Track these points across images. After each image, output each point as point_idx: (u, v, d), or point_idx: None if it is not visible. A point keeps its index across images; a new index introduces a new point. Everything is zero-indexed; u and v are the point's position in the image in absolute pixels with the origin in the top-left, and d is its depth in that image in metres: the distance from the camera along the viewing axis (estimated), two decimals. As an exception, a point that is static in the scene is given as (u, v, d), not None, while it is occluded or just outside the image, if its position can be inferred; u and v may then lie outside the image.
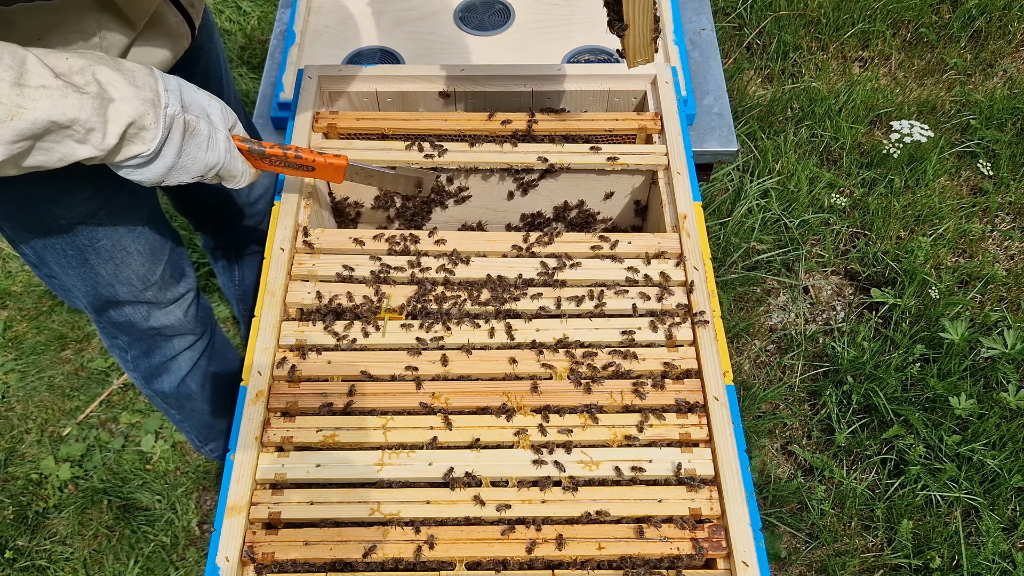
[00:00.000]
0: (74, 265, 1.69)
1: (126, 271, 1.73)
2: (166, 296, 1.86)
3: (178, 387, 2.07)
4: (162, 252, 1.78)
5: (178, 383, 2.06)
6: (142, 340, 1.93)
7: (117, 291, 1.76)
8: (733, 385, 1.42)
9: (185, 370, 2.04)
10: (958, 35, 3.57)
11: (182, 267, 1.89)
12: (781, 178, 3.07)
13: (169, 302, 1.88)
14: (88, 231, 1.63)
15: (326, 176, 1.48)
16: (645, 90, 1.81)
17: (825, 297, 2.92)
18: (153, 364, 2.00)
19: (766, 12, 3.59)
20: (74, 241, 1.64)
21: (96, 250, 1.66)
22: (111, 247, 1.68)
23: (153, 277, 1.79)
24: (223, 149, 1.29)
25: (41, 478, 2.59)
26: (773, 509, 2.46)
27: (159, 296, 1.84)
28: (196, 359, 2.04)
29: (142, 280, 1.77)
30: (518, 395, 1.41)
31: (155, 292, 1.82)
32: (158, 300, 1.85)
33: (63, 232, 1.62)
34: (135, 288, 1.78)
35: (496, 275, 1.54)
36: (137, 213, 1.69)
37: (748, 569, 1.24)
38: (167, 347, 1.97)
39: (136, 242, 1.71)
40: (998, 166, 3.15)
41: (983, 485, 2.43)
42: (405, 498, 1.31)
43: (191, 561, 2.44)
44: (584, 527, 1.29)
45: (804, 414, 2.66)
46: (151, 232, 1.74)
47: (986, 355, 2.63)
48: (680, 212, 1.61)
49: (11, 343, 2.90)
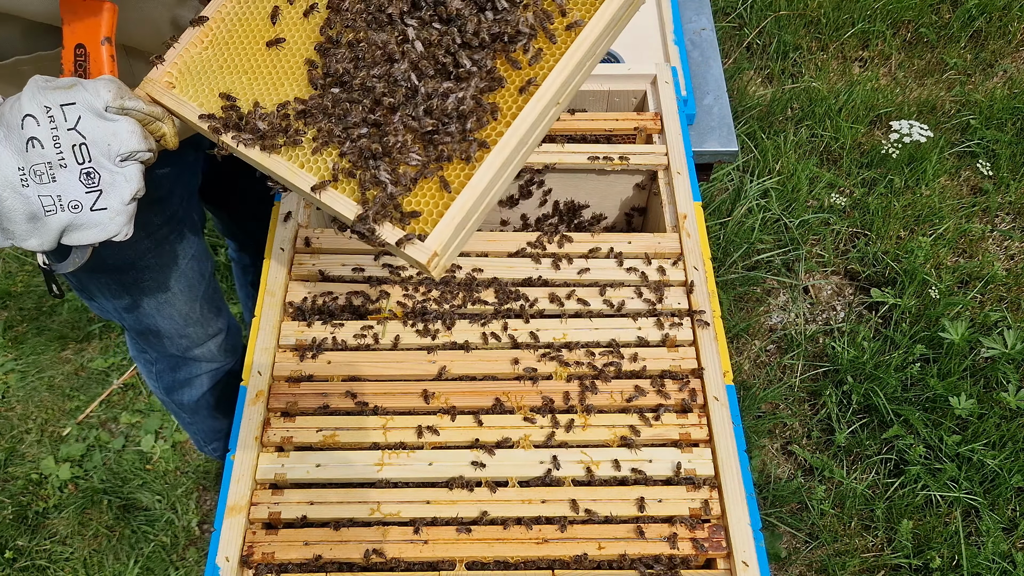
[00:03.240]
0: (116, 297, 1.68)
1: (167, 308, 1.72)
2: (206, 331, 1.85)
3: (197, 400, 2.07)
4: (199, 289, 1.77)
5: (198, 397, 2.06)
6: (171, 358, 1.93)
7: (159, 322, 1.76)
8: (733, 385, 1.42)
9: (207, 386, 2.04)
10: (958, 35, 3.57)
11: (217, 301, 1.88)
12: (781, 178, 3.07)
13: (208, 338, 1.87)
14: (135, 272, 1.61)
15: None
16: (645, 90, 1.81)
17: (825, 297, 2.91)
18: (177, 379, 2.00)
19: (766, 12, 3.59)
20: (119, 279, 1.62)
21: (140, 288, 1.65)
22: (155, 287, 1.66)
23: (194, 314, 1.78)
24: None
25: (41, 478, 2.59)
26: (773, 509, 2.46)
27: (199, 332, 1.83)
28: (219, 378, 2.04)
29: (184, 317, 1.77)
30: (518, 395, 1.41)
31: (195, 328, 1.81)
32: (198, 336, 1.84)
33: (109, 270, 1.60)
34: (176, 323, 1.77)
35: (496, 275, 1.54)
36: (183, 253, 1.68)
37: (748, 569, 1.24)
38: (194, 367, 1.97)
39: (178, 282, 1.70)
40: (998, 166, 3.15)
41: (983, 485, 2.43)
42: (405, 498, 1.31)
43: (191, 561, 2.44)
44: (584, 527, 1.29)
45: (804, 414, 2.66)
46: (191, 271, 1.72)
47: (986, 355, 2.63)
48: (680, 212, 1.61)
49: (11, 343, 2.90)
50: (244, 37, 1.16)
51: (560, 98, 1.05)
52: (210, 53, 1.15)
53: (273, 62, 1.14)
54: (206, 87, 1.13)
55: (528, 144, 1.04)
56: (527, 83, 1.04)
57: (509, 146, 1.01)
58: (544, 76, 1.04)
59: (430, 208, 1.01)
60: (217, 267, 3.00)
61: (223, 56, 1.15)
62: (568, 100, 1.08)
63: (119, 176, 1.01)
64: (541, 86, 1.03)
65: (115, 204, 1.01)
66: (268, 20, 1.15)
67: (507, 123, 1.03)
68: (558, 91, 1.03)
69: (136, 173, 1.02)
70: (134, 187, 1.02)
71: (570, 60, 1.04)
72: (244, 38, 1.16)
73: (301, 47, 1.14)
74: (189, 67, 1.14)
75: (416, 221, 1.00)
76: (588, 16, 1.06)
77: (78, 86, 1.00)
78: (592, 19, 1.05)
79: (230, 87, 1.13)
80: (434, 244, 0.98)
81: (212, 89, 1.13)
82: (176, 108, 1.11)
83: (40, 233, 1.00)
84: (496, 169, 1.00)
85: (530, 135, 1.03)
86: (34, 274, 3.06)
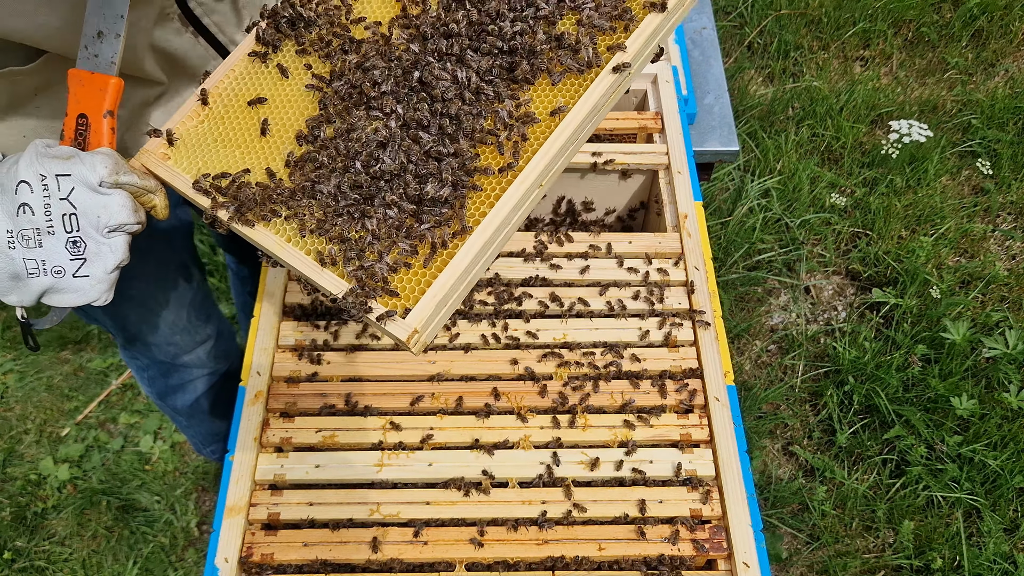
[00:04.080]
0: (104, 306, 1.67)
1: (154, 317, 1.73)
2: (194, 339, 1.85)
3: (191, 405, 2.07)
4: (185, 297, 1.77)
5: (192, 402, 2.05)
6: (162, 364, 1.93)
7: (145, 331, 1.76)
8: (734, 385, 1.42)
9: (201, 391, 2.03)
10: (959, 34, 3.57)
11: (207, 308, 1.87)
12: (782, 178, 3.07)
13: (196, 344, 1.87)
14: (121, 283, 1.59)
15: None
16: (646, 89, 1.80)
17: (826, 297, 2.91)
18: (170, 384, 2.00)
19: (767, 11, 3.59)
20: None
21: (126, 298, 1.65)
22: (140, 296, 1.67)
23: (181, 322, 1.78)
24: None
25: (40, 479, 2.58)
26: (774, 510, 2.45)
27: (186, 339, 1.83)
28: (213, 382, 2.03)
29: (170, 326, 1.77)
30: (518, 395, 1.40)
31: (182, 336, 1.82)
32: (186, 343, 1.84)
33: None
34: (163, 331, 1.77)
35: (496, 275, 1.53)
36: (170, 262, 1.68)
37: (749, 570, 1.23)
38: (185, 372, 1.96)
39: (164, 291, 1.70)
40: (999, 166, 3.14)
41: (984, 486, 2.42)
42: (404, 499, 1.30)
43: (190, 562, 2.43)
44: (584, 527, 1.28)
45: (805, 414, 2.65)
46: (178, 279, 1.72)
47: (987, 355, 2.62)
48: (681, 212, 1.61)
49: (10, 343, 2.89)
50: (238, 112, 1.18)
51: (543, 180, 1.07)
52: (206, 127, 1.17)
53: (266, 138, 1.15)
54: (200, 159, 1.15)
55: (511, 224, 1.06)
56: (508, 167, 1.06)
57: (490, 228, 1.03)
58: (527, 160, 1.05)
59: (411, 286, 1.03)
60: (216, 267, 2.99)
61: (218, 130, 1.17)
62: (551, 182, 1.10)
63: (105, 247, 1.03)
64: (524, 169, 1.05)
65: (98, 272, 1.04)
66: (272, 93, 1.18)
67: (490, 204, 1.04)
68: (541, 174, 1.05)
69: (122, 244, 1.04)
70: (119, 257, 1.04)
71: (553, 145, 1.05)
72: (238, 113, 1.18)
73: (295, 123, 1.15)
74: (184, 139, 1.16)
75: (398, 300, 1.02)
76: (572, 102, 1.07)
77: (76, 159, 1.02)
78: (576, 105, 1.07)
79: (224, 160, 1.15)
80: (415, 322, 0.99)
81: (206, 161, 1.15)
82: (170, 180, 1.13)
83: (20, 292, 1.03)
84: (476, 251, 1.02)
85: (512, 216, 1.05)
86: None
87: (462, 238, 1.03)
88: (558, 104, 1.08)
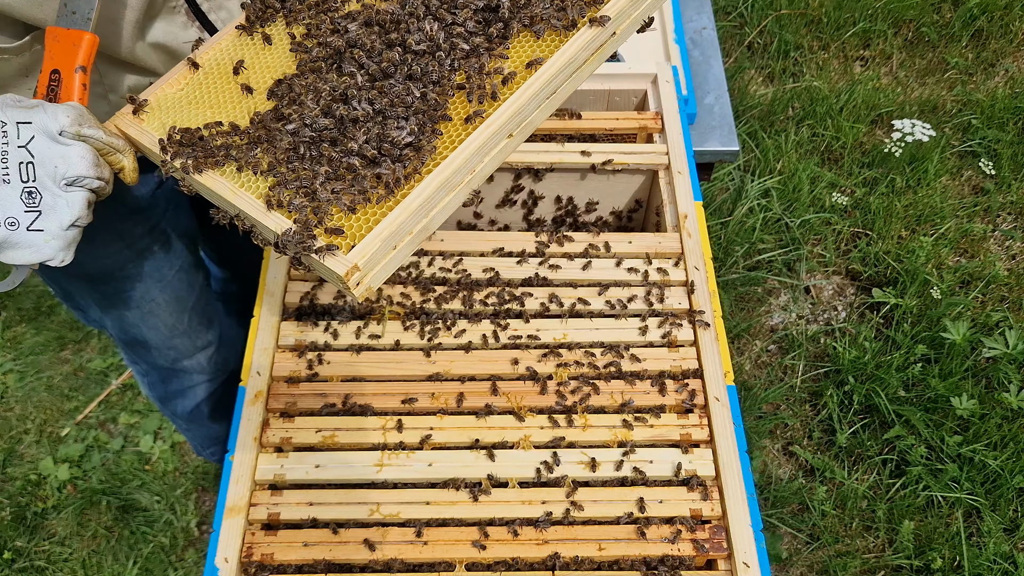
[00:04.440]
0: (100, 305, 1.66)
1: (152, 319, 1.71)
2: (195, 344, 1.83)
3: (192, 411, 2.05)
4: (187, 300, 1.75)
5: (192, 408, 2.04)
6: (162, 370, 1.91)
7: (145, 333, 1.74)
8: (734, 385, 1.42)
9: (201, 397, 2.01)
10: (959, 34, 3.57)
11: (209, 314, 1.85)
12: (782, 178, 3.07)
13: (196, 350, 1.85)
14: (116, 282, 1.60)
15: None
16: (646, 89, 1.80)
17: (826, 297, 2.91)
18: (170, 390, 1.98)
19: (767, 11, 3.59)
20: (100, 288, 1.61)
21: (123, 299, 1.63)
22: (138, 297, 1.65)
23: (181, 326, 1.76)
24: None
25: (40, 479, 2.58)
26: (774, 510, 2.45)
27: (186, 343, 1.81)
28: (214, 388, 2.02)
29: (170, 329, 1.75)
30: (518, 395, 1.40)
31: (182, 340, 1.79)
32: (186, 347, 1.82)
33: (90, 278, 1.58)
34: (162, 334, 1.75)
35: (496, 275, 1.53)
36: (168, 265, 1.66)
37: (749, 570, 1.23)
38: (186, 379, 1.95)
39: (163, 292, 1.68)
40: (1000, 166, 3.14)
41: (984, 486, 2.42)
42: (405, 499, 1.30)
43: (190, 562, 2.43)
44: (584, 527, 1.28)
45: (805, 415, 2.65)
46: (179, 282, 1.70)
47: (987, 355, 2.62)
48: (681, 212, 1.61)
49: (10, 343, 2.89)
50: (219, 78, 1.20)
51: (512, 130, 1.08)
52: (184, 92, 1.19)
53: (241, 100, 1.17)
54: (172, 120, 1.16)
55: (476, 172, 1.06)
56: (475, 114, 1.07)
57: (448, 170, 1.03)
58: (495, 109, 1.07)
59: (360, 225, 1.00)
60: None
61: (195, 94, 1.18)
62: (523, 135, 1.11)
63: (62, 200, 1.01)
64: (489, 117, 1.06)
65: (52, 227, 1.01)
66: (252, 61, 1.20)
67: (452, 149, 1.05)
68: (507, 121, 1.06)
69: (79, 200, 1.02)
70: (75, 214, 1.01)
71: (523, 94, 1.07)
72: (218, 79, 1.20)
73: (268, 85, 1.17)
74: (161, 103, 1.17)
75: (343, 238, 0.99)
76: (549, 55, 1.10)
77: (39, 108, 1.00)
78: (552, 57, 1.09)
79: (195, 120, 1.15)
80: (356, 257, 0.96)
81: (178, 121, 1.15)
82: (138, 137, 1.13)
83: None
84: (430, 191, 1.01)
85: (474, 162, 1.05)
86: (32, 274, 3.05)
87: (418, 179, 1.02)
88: (536, 57, 1.10)
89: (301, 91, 1.13)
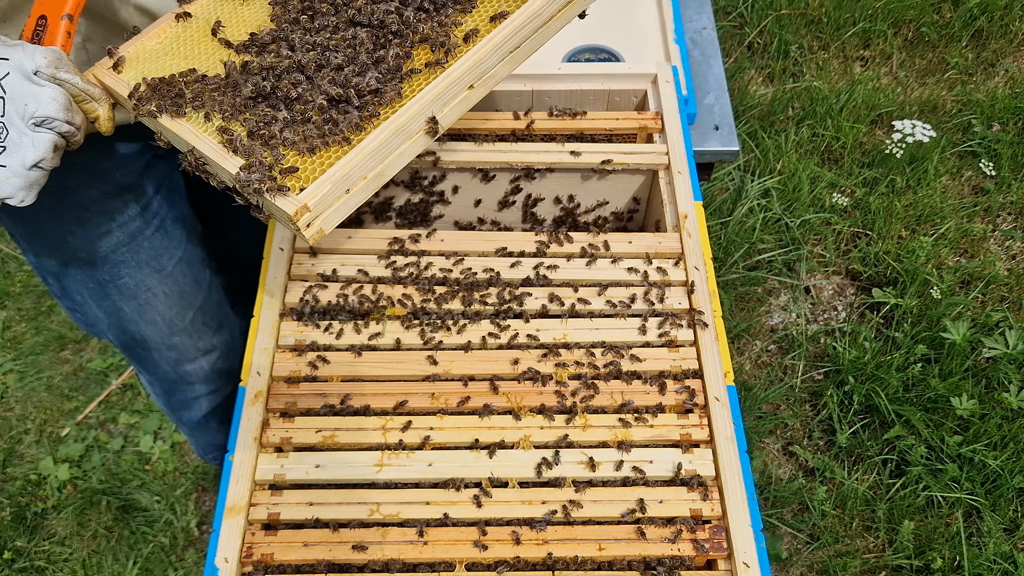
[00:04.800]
0: (96, 298, 1.62)
1: (150, 312, 1.66)
2: (196, 345, 1.78)
3: (198, 421, 2.01)
4: (194, 297, 1.69)
5: (199, 418, 2.00)
6: (165, 380, 1.86)
7: (143, 329, 1.68)
8: (734, 385, 1.42)
9: (206, 409, 1.97)
10: (959, 34, 3.57)
11: (220, 318, 1.79)
12: (782, 178, 3.07)
13: (199, 353, 1.79)
14: (109, 267, 1.56)
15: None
16: (646, 89, 1.80)
17: (826, 297, 2.91)
18: (174, 401, 1.94)
19: (767, 11, 3.59)
20: (94, 275, 1.56)
21: (118, 287, 1.59)
22: (134, 286, 1.60)
23: (181, 323, 1.70)
24: None
25: (40, 479, 2.58)
26: (774, 510, 2.45)
27: (187, 343, 1.76)
28: (219, 401, 1.97)
29: (168, 324, 1.69)
30: (518, 395, 1.40)
31: (183, 339, 1.74)
32: (187, 348, 1.76)
33: (83, 264, 1.54)
34: (161, 331, 1.70)
35: (496, 275, 1.53)
36: (167, 254, 1.61)
37: (749, 570, 1.23)
38: (189, 390, 1.90)
39: (163, 284, 1.63)
40: (1000, 166, 3.14)
41: (984, 486, 2.42)
42: (405, 499, 1.30)
43: (190, 562, 2.43)
44: (584, 527, 1.28)
45: (805, 415, 2.65)
46: (182, 276, 1.66)
47: (987, 355, 2.62)
48: (681, 212, 1.61)
49: (10, 343, 2.89)
50: (197, 31, 1.24)
51: (474, 81, 1.12)
52: (163, 45, 1.23)
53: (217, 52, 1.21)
54: (149, 71, 1.19)
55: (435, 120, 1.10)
56: (436, 63, 1.12)
57: (404, 116, 1.06)
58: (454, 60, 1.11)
59: (313, 167, 1.03)
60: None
61: (173, 48, 1.22)
62: (485, 87, 1.15)
63: (27, 139, 1.01)
64: (449, 67, 1.10)
65: (14, 164, 1.01)
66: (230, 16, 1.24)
67: (410, 98, 1.09)
68: (468, 69, 1.10)
69: (45, 141, 1.02)
70: (39, 154, 1.01)
71: (486, 44, 1.11)
72: (197, 32, 1.24)
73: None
74: (139, 55, 1.21)
75: (294, 177, 1.02)
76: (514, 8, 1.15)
77: (18, 47, 1.01)
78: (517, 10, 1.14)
79: (171, 70, 1.19)
80: (306, 198, 0.98)
81: (154, 71, 1.19)
82: (113, 85, 1.16)
83: None
84: (385, 135, 1.05)
85: (431, 108, 1.09)
86: (32, 274, 3.05)
87: (375, 123, 1.06)
88: (501, 11, 1.15)
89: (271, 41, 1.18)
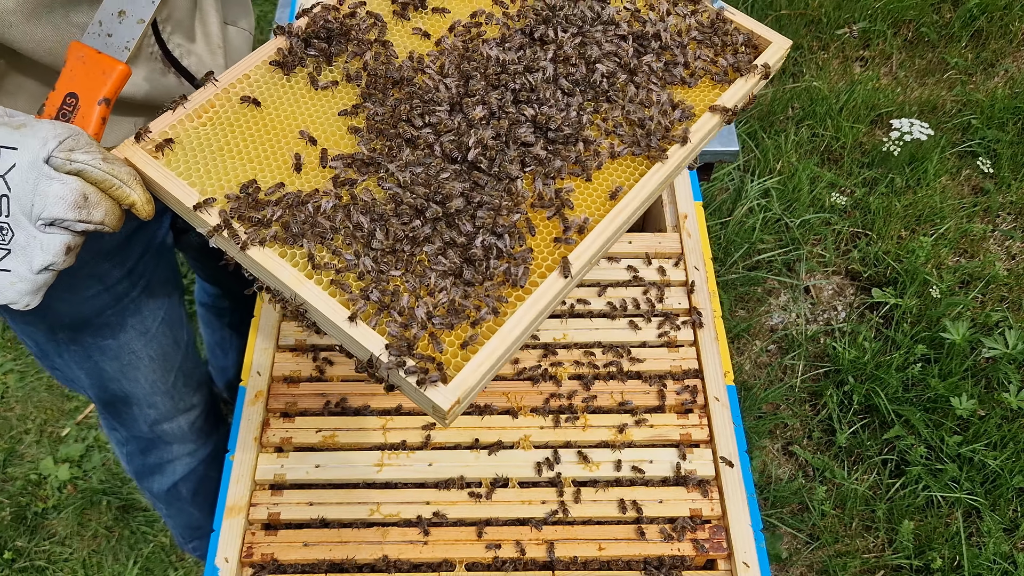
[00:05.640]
0: (77, 360, 1.54)
1: (133, 372, 1.59)
2: (177, 405, 1.73)
3: (168, 491, 1.94)
4: (174, 359, 1.65)
5: (169, 487, 1.93)
6: (140, 439, 1.80)
7: (124, 387, 1.62)
8: (734, 385, 1.42)
9: (180, 475, 1.90)
10: (959, 35, 3.57)
11: (197, 377, 1.76)
12: (782, 178, 3.07)
13: (178, 412, 1.75)
14: (93, 331, 1.49)
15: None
16: (645, 89, 1.80)
17: (826, 297, 2.91)
18: (148, 463, 1.87)
19: (767, 11, 3.59)
20: (76, 338, 1.49)
21: (101, 349, 1.51)
22: (118, 348, 1.53)
23: (164, 385, 1.66)
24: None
25: (40, 479, 2.58)
26: (774, 510, 2.45)
27: (167, 404, 1.71)
28: (194, 465, 1.91)
29: (151, 385, 1.64)
30: (518, 395, 1.40)
31: (163, 399, 1.69)
32: (167, 408, 1.72)
33: (65, 328, 1.47)
34: (144, 390, 1.64)
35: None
36: (151, 315, 1.54)
37: (749, 570, 1.23)
38: (165, 451, 1.84)
39: (148, 347, 1.56)
40: (999, 166, 3.15)
41: (984, 486, 2.42)
42: (405, 499, 1.30)
43: (190, 562, 2.43)
44: (584, 527, 1.28)
45: (805, 415, 2.65)
46: (164, 338, 1.59)
47: (987, 355, 2.62)
48: (681, 212, 1.61)
49: (10, 343, 2.89)
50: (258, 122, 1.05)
51: (596, 257, 1.02)
52: (208, 130, 1.03)
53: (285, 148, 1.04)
54: (200, 166, 1.00)
55: (561, 295, 1.00)
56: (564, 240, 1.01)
57: (545, 298, 0.95)
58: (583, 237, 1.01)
59: (452, 352, 0.91)
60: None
61: (225, 138, 1.03)
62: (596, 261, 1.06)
63: (35, 241, 0.89)
64: (579, 245, 1.00)
65: (21, 269, 0.89)
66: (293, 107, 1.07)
67: (543, 275, 0.98)
68: (597, 251, 1.01)
69: (56, 244, 0.89)
70: (49, 258, 0.89)
71: (609, 224, 1.02)
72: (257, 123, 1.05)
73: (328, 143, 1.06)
74: (180, 140, 1.02)
75: (432, 363, 0.89)
76: (629, 187, 1.06)
77: (27, 128, 0.88)
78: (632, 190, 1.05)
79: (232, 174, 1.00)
80: (457, 392, 0.87)
81: (208, 169, 1.00)
82: (158, 179, 0.97)
83: None
84: (528, 321, 0.93)
85: (565, 290, 0.99)
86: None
87: (513, 305, 0.94)
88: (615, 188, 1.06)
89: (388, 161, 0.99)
